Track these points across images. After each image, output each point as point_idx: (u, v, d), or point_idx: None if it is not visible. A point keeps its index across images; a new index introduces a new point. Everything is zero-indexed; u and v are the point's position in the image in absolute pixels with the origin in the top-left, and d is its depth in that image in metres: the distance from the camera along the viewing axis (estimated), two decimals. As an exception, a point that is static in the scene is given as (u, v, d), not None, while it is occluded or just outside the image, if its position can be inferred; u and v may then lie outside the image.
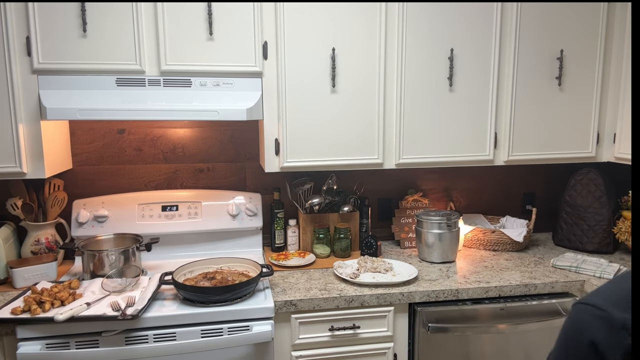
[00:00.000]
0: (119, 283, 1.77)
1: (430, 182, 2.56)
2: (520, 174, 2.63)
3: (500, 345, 1.90)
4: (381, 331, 1.84)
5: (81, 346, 1.58)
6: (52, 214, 2.09)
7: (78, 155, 2.24)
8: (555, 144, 2.22)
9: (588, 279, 1.96)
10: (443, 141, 2.13)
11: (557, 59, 2.14)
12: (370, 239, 2.22)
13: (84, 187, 2.25)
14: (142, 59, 1.85)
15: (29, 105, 1.81)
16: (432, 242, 2.15)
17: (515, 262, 2.17)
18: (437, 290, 1.84)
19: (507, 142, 2.18)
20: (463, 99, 2.11)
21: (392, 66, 2.04)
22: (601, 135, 2.25)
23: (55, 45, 1.79)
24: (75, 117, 1.75)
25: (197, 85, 1.90)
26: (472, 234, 2.37)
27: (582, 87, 2.19)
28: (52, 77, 1.81)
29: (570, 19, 2.13)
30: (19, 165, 1.82)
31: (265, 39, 1.93)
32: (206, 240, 2.23)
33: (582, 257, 2.15)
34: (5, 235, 1.98)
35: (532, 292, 1.92)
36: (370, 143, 2.08)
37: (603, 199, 2.28)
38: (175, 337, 1.63)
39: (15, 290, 1.83)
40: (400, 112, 2.07)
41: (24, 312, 1.58)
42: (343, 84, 2.01)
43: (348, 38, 1.98)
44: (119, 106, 1.79)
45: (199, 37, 1.87)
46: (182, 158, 2.32)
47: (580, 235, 2.33)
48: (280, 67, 1.95)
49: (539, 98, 2.17)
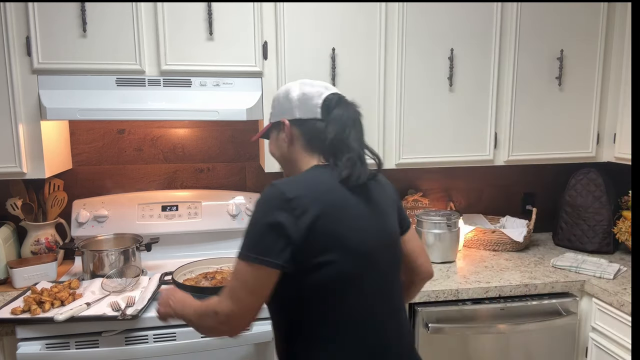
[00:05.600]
0: (119, 283, 1.77)
1: (430, 182, 2.56)
2: (520, 174, 2.63)
3: (500, 345, 1.90)
4: (381, 331, 1.84)
5: (81, 346, 1.57)
6: (52, 214, 2.09)
7: (78, 155, 2.24)
8: (555, 144, 2.22)
9: (588, 279, 1.96)
10: (443, 141, 2.13)
11: (557, 59, 2.14)
12: (370, 239, 2.21)
13: (84, 187, 2.25)
14: (142, 59, 1.84)
15: (29, 105, 1.81)
16: (432, 242, 2.14)
17: (515, 262, 2.17)
18: (437, 290, 1.84)
19: (507, 142, 2.18)
20: (463, 99, 2.11)
21: (392, 66, 2.04)
22: (601, 135, 2.25)
23: (55, 45, 1.79)
24: (75, 117, 1.75)
25: (197, 85, 1.90)
26: (472, 234, 2.37)
27: (582, 87, 2.19)
28: (52, 77, 1.80)
29: (570, 19, 2.13)
30: (18, 165, 1.82)
31: (265, 39, 1.93)
32: (206, 240, 2.23)
33: (582, 257, 2.15)
34: (5, 235, 1.98)
35: (532, 292, 1.92)
36: (370, 143, 2.05)
37: (603, 199, 2.28)
38: (175, 337, 1.63)
39: (15, 290, 1.83)
40: (400, 112, 2.07)
41: (24, 312, 1.58)
42: (343, 84, 2.01)
43: (348, 38, 1.98)
44: (119, 106, 1.79)
45: (199, 37, 1.87)
46: (182, 158, 2.32)
47: (580, 235, 2.33)
48: (280, 67, 1.95)
49: (539, 98, 2.17)
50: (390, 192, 1.29)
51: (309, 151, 1.19)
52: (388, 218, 1.20)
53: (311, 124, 1.18)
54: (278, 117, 1.23)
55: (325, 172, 1.14)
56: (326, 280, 1.06)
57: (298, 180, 1.10)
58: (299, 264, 1.04)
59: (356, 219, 1.10)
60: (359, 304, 1.10)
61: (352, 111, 1.19)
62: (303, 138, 1.19)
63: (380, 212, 1.18)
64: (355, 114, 1.19)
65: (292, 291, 1.08)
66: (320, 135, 1.16)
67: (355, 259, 1.08)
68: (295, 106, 1.18)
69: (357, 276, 1.09)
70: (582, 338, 1.99)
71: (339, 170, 1.12)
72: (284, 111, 1.21)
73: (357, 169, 1.13)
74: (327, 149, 1.16)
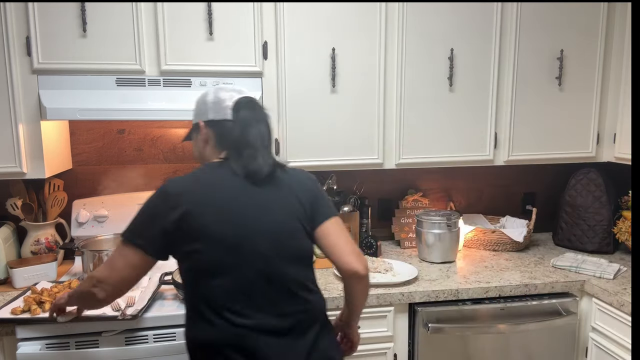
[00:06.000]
0: (119, 283, 1.77)
1: (430, 182, 2.56)
2: (520, 174, 2.63)
3: (500, 345, 1.90)
4: (381, 331, 1.84)
5: (81, 346, 1.57)
6: (52, 214, 2.09)
7: (78, 155, 2.24)
8: (555, 144, 2.22)
9: (588, 279, 1.96)
10: (443, 141, 2.13)
11: (557, 58, 2.14)
12: (370, 239, 2.22)
13: (84, 187, 2.25)
14: (142, 59, 1.85)
15: (29, 105, 1.81)
16: (432, 242, 2.14)
17: (515, 262, 2.17)
18: (437, 290, 1.84)
19: (507, 142, 2.18)
20: (463, 99, 2.11)
21: (392, 66, 2.04)
22: (601, 135, 2.25)
23: (55, 45, 1.79)
24: (75, 117, 1.75)
25: (197, 85, 1.90)
26: (472, 234, 2.37)
27: (582, 87, 2.19)
28: (52, 77, 1.80)
29: (570, 19, 2.13)
30: (19, 165, 1.82)
31: (265, 39, 1.93)
32: (206, 240, 2.23)
33: (582, 257, 2.15)
34: (5, 235, 1.98)
35: (532, 292, 1.92)
36: (370, 143, 2.08)
37: (603, 199, 2.28)
38: (175, 337, 1.62)
39: (15, 290, 1.83)
40: (400, 112, 2.07)
41: (24, 312, 1.58)
42: (343, 84, 2.01)
43: (348, 38, 1.98)
44: (119, 106, 1.79)
45: (199, 37, 1.87)
46: (182, 158, 2.32)
47: (580, 235, 2.33)
48: (280, 67, 1.95)
49: (539, 98, 2.17)
50: (301, 185, 1.33)
51: (219, 150, 1.32)
52: (281, 211, 1.27)
53: (222, 125, 1.30)
54: (196, 119, 1.35)
55: (218, 168, 1.28)
56: (195, 266, 1.21)
57: (185, 178, 1.25)
58: (174, 252, 1.22)
59: (229, 212, 1.21)
60: (227, 289, 1.20)
61: (259, 113, 1.31)
62: (215, 138, 1.32)
63: (269, 205, 1.26)
64: (261, 115, 1.31)
65: (180, 274, 1.27)
66: (228, 134, 1.29)
67: (222, 249, 1.19)
68: (209, 108, 1.31)
69: (225, 264, 1.20)
70: (582, 338, 1.99)
71: (236, 165, 1.25)
72: (200, 114, 1.34)
73: (255, 164, 1.25)
74: (232, 145, 1.28)
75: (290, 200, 1.29)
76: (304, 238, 1.29)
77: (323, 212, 1.33)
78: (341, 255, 1.29)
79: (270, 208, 1.25)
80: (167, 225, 1.19)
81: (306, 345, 1.25)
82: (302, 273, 1.29)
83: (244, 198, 1.24)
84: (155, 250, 1.22)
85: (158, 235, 1.20)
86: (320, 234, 1.31)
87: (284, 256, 1.25)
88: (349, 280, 1.32)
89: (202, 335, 1.22)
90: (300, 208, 1.29)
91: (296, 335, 1.24)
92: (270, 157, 1.29)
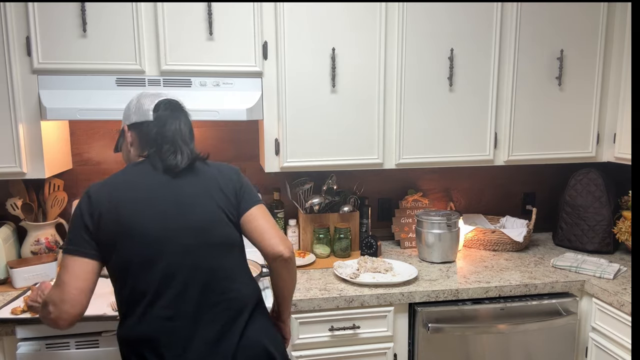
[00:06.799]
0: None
1: (430, 182, 2.56)
2: (520, 174, 2.63)
3: (500, 345, 1.90)
4: (381, 331, 1.84)
5: (81, 346, 1.58)
6: (52, 214, 2.09)
7: (78, 155, 2.24)
8: (555, 144, 2.22)
9: (588, 279, 1.96)
10: (443, 141, 2.13)
11: (557, 59, 2.14)
12: (370, 239, 2.22)
13: (84, 187, 2.24)
14: (142, 59, 1.85)
15: (29, 105, 1.81)
16: (432, 242, 2.14)
17: (515, 262, 2.17)
18: (437, 290, 1.84)
19: (507, 142, 2.18)
20: (463, 99, 2.11)
21: (392, 66, 2.04)
22: (601, 135, 2.25)
23: (55, 45, 1.79)
24: (75, 117, 1.75)
25: (197, 85, 1.90)
26: (472, 234, 2.37)
27: (582, 87, 2.19)
28: (52, 77, 1.80)
29: (570, 19, 2.13)
30: (19, 165, 1.82)
31: (265, 39, 1.93)
32: (206, 240, 2.23)
33: (582, 257, 2.15)
34: (5, 235, 1.98)
35: (532, 292, 1.92)
36: (370, 143, 2.08)
37: (603, 199, 2.28)
38: (175, 337, 1.62)
39: (15, 290, 1.83)
40: (400, 112, 2.07)
41: (24, 312, 1.58)
42: (343, 84, 2.01)
43: (348, 38, 1.98)
44: (119, 106, 1.78)
45: (199, 37, 1.87)
46: (182, 158, 2.32)
47: (580, 235, 2.33)
48: (280, 67, 1.95)
49: (539, 98, 2.17)
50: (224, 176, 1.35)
51: (142, 149, 1.35)
52: (203, 201, 1.29)
53: (144, 126, 1.33)
54: (123, 124, 1.39)
55: (139, 165, 1.31)
56: (117, 264, 1.24)
57: (107, 180, 1.29)
58: (101, 252, 1.23)
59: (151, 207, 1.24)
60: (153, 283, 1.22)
61: (177, 111, 1.35)
62: (138, 140, 1.35)
63: (191, 197, 1.28)
64: (179, 114, 1.35)
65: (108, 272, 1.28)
66: (148, 133, 1.33)
67: (146, 244, 1.22)
68: (132, 112, 1.36)
69: (150, 258, 1.22)
70: (582, 338, 1.99)
71: (155, 161, 1.30)
72: (125, 118, 1.38)
73: (173, 158, 1.29)
74: (152, 143, 1.32)
75: (212, 191, 1.31)
76: (228, 226, 1.31)
77: (248, 199, 1.36)
78: (264, 238, 1.32)
79: (192, 199, 1.28)
80: (91, 226, 1.22)
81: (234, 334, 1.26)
82: (228, 262, 1.31)
83: (165, 192, 1.27)
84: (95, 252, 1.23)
85: (89, 239, 1.22)
86: (245, 220, 1.34)
87: (208, 246, 1.27)
88: (274, 263, 1.34)
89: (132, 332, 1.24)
90: (224, 197, 1.32)
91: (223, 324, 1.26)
92: (191, 151, 1.33)
